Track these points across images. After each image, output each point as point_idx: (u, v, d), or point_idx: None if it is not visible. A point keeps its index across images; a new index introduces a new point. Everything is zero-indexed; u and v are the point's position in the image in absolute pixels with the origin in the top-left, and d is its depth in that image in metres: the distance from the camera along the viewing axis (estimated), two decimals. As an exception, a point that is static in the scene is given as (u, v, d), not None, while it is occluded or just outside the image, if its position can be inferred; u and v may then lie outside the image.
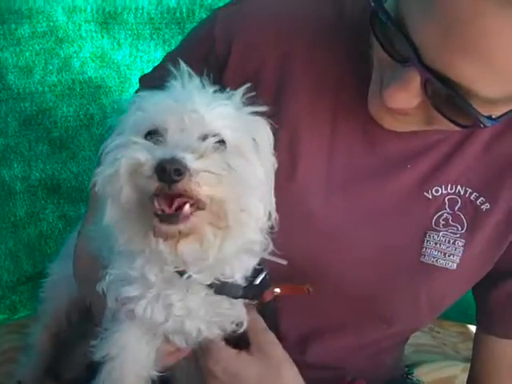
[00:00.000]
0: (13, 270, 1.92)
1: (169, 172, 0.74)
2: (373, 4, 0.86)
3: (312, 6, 1.10)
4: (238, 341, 1.01)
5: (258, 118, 0.88)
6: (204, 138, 0.81)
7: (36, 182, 1.91)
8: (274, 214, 0.88)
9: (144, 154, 0.77)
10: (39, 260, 1.93)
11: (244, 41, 1.10)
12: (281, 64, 1.08)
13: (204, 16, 1.86)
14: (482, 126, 0.84)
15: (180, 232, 0.79)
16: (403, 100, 0.86)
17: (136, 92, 1.36)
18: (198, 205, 0.78)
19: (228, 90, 0.88)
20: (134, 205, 0.80)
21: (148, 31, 1.92)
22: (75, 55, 1.87)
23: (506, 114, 0.85)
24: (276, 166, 0.90)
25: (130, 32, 1.90)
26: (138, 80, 1.34)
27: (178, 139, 0.80)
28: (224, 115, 0.85)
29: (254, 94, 0.87)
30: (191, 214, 0.78)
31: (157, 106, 0.84)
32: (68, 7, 1.80)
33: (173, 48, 1.36)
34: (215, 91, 0.87)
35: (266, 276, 0.97)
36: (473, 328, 2.04)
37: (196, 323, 0.95)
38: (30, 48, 1.84)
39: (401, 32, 0.81)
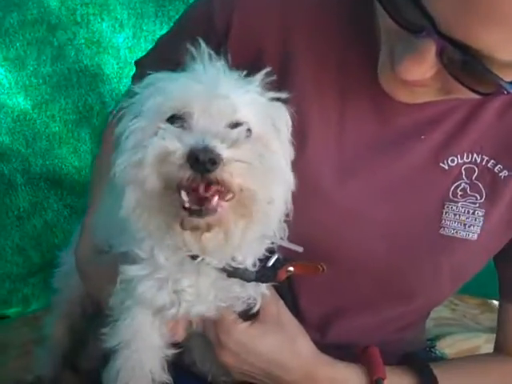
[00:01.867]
0: (22, 263, 1.90)
1: (203, 161, 0.72)
2: None
3: None
4: (250, 317, 1.00)
5: (279, 104, 0.86)
6: (231, 125, 0.79)
7: (37, 175, 1.87)
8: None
9: (174, 142, 0.74)
10: (47, 250, 1.91)
11: (244, 13, 1.07)
12: (284, 37, 1.05)
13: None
14: (505, 92, 0.80)
15: (208, 224, 0.77)
16: (418, 72, 0.82)
17: (133, 77, 1.34)
18: (225, 195, 0.77)
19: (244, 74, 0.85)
20: (158, 193, 0.78)
21: (152, 9, 1.85)
22: (69, 42, 1.79)
23: None
24: (293, 154, 0.88)
25: (133, 11, 1.83)
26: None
27: (204, 126, 0.78)
28: (250, 102, 0.83)
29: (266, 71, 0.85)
30: (219, 205, 0.77)
31: (182, 89, 0.81)
32: (61, -9, 1.72)
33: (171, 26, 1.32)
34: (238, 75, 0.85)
35: (278, 257, 0.96)
36: (491, 300, 2.04)
37: (205, 307, 0.94)
38: (21, 38, 1.75)
39: (414, 1, 0.77)
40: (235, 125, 0.80)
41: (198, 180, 0.74)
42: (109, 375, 1.00)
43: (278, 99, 0.86)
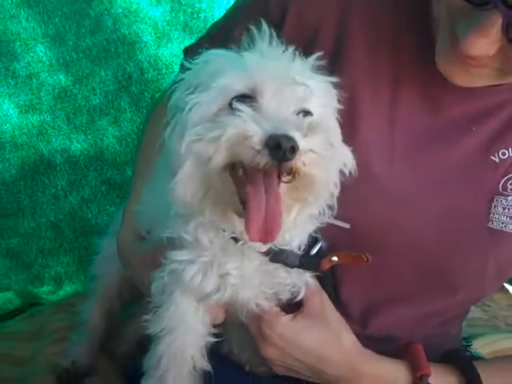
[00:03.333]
0: (54, 238, 1.90)
1: (284, 149, 0.72)
2: None
3: None
4: (293, 307, 0.99)
5: (333, 90, 0.87)
6: (299, 112, 0.80)
7: (77, 152, 1.86)
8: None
9: (253, 125, 0.74)
10: (80, 226, 1.92)
11: (300, 7, 1.07)
12: (340, 20, 1.05)
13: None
14: None
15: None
16: (483, 46, 0.82)
17: (181, 65, 1.34)
18: (283, 179, 0.77)
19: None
20: (220, 173, 0.78)
21: (191, -16, 1.82)
22: (106, 13, 1.77)
23: None
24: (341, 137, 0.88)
25: (172, -15, 1.81)
26: (182, 50, 1.32)
27: (275, 110, 0.78)
28: (321, 91, 0.83)
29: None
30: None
31: (255, 68, 0.80)
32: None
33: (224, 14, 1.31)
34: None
35: (321, 246, 0.95)
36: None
37: (250, 293, 0.94)
38: (59, 13, 1.73)
39: None
40: (304, 112, 0.80)
41: (274, 167, 0.74)
42: (150, 361, 1.00)
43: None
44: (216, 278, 0.92)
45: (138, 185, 1.19)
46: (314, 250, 0.95)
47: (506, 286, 2.13)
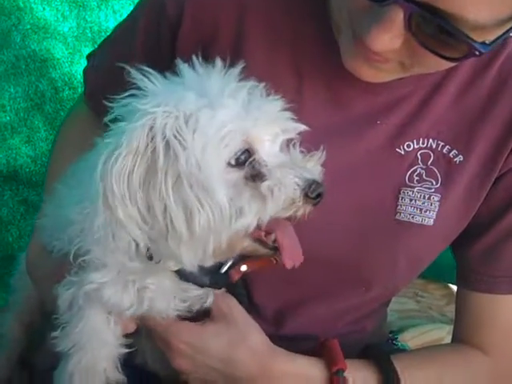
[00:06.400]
0: None
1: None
2: None
3: None
4: (203, 315, 0.98)
5: None
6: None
7: None
8: None
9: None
10: (1, 249, 1.86)
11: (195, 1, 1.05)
12: (238, 16, 1.04)
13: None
14: (476, 53, 0.79)
15: None
16: (388, 41, 0.81)
17: (85, 70, 1.31)
18: None
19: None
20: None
21: (95, 2, 1.83)
22: (14, 28, 1.75)
23: (499, 37, 0.81)
24: None
25: (74, 4, 1.80)
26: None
27: (276, 157, 0.82)
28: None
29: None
30: None
31: (241, 121, 0.79)
32: (-1, -22, 1.68)
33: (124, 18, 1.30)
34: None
35: (232, 263, 0.94)
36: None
37: (165, 305, 0.93)
38: None
39: None
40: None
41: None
42: (60, 379, 0.98)
43: None
44: (135, 292, 0.91)
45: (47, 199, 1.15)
46: (224, 268, 0.93)
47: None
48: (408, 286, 1.32)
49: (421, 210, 1.01)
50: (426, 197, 1.01)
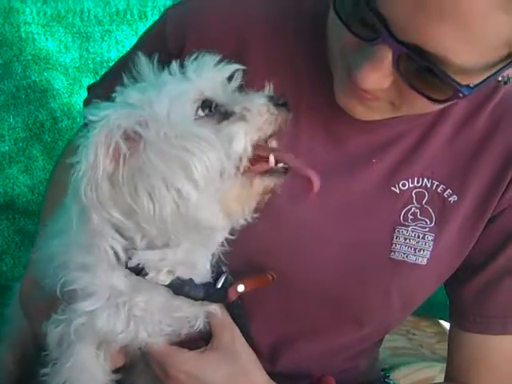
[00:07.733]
0: None
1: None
2: None
3: None
4: (197, 342, 0.97)
5: None
6: None
7: None
8: None
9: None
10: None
11: (197, 34, 1.06)
12: (237, 53, 1.04)
13: (157, 17, 1.82)
14: (460, 95, 0.81)
15: None
16: (377, 80, 0.83)
17: (85, 102, 1.32)
18: None
19: None
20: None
21: (98, 33, 1.84)
22: (15, 59, 1.77)
23: (484, 81, 0.83)
24: None
25: (77, 35, 1.82)
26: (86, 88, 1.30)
27: (234, 97, 0.85)
28: None
29: None
30: None
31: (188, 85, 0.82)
32: (3, 8, 1.70)
33: (127, 49, 1.33)
34: None
35: (227, 278, 0.94)
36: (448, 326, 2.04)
37: (149, 329, 0.91)
38: None
39: (368, 6, 0.78)
40: None
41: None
42: None
43: None
44: (125, 313, 0.89)
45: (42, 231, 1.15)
46: (220, 283, 0.93)
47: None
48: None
49: (415, 249, 1.01)
50: (421, 236, 1.02)
